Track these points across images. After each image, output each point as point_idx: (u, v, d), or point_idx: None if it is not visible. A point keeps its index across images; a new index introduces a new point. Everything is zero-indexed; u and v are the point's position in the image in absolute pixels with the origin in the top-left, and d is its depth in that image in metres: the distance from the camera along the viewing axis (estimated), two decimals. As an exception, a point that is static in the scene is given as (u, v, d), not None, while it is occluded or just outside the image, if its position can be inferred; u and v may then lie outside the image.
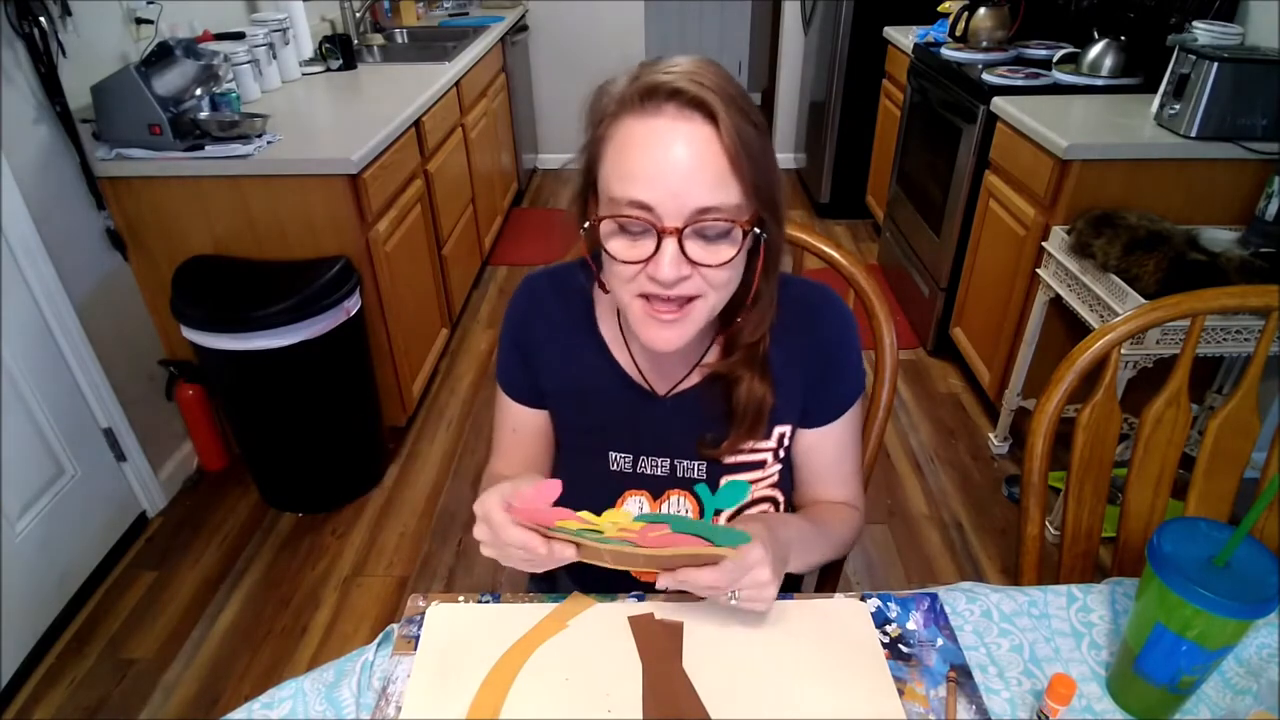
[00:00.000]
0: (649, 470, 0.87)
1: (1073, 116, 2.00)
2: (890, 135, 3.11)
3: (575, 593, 0.78)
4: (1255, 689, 0.69)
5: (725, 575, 0.67)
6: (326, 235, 1.90)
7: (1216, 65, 1.73)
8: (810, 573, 1.14)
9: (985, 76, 2.27)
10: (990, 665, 0.72)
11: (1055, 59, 2.35)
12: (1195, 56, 1.77)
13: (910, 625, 0.75)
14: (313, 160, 1.83)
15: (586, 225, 0.74)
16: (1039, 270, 1.94)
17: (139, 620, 1.74)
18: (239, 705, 0.71)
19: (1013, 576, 1.40)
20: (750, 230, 0.70)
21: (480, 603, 0.78)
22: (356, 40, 3.09)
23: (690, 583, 0.67)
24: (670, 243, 0.67)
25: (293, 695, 0.71)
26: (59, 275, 1.69)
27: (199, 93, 1.88)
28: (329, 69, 2.63)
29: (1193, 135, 1.80)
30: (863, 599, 0.78)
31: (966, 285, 2.41)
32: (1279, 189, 1.64)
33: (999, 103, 2.11)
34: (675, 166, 0.67)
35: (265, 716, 0.69)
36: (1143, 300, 1.56)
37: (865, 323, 0.94)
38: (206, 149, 1.81)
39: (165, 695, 1.57)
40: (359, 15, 3.21)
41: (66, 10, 1.71)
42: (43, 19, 1.61)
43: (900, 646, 0.73)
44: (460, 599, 0.78)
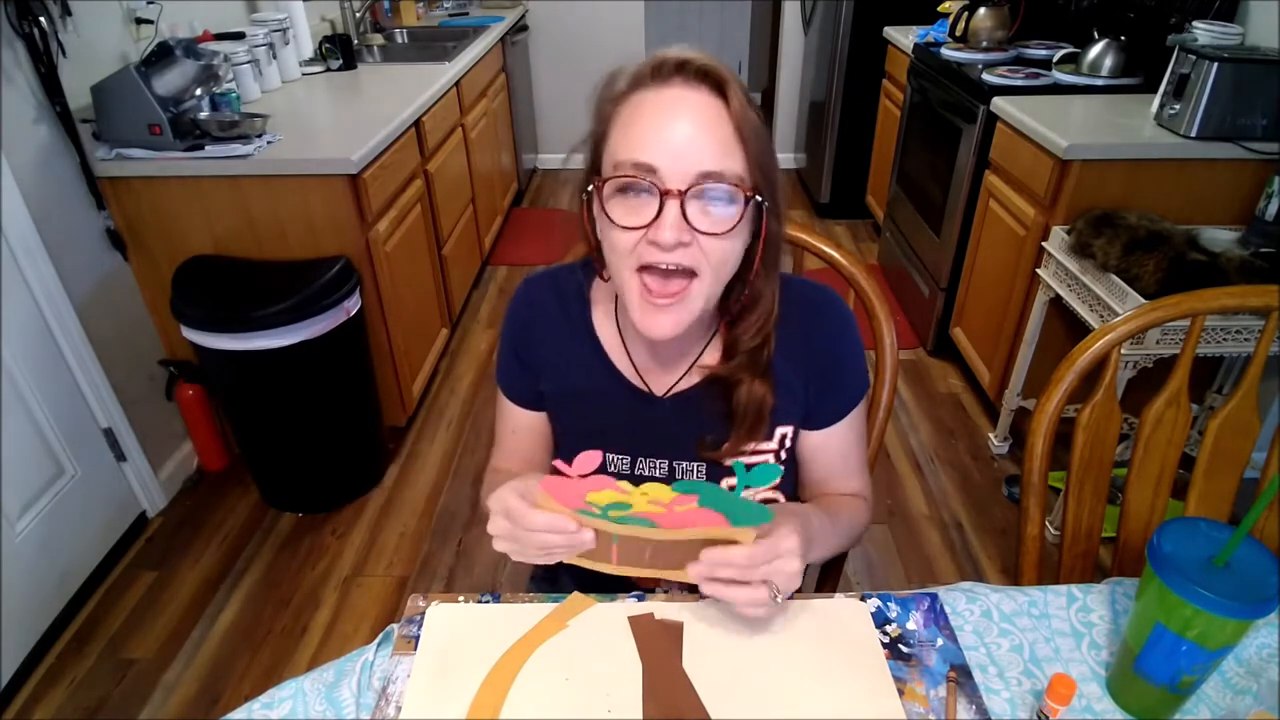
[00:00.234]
0: (647, 471, 0.86)
1: (1073, 116, 2.00)
2: (890, 135, 3.10)
3: (575, 593, 0.78)
4: (1255, 689, 0.69)
5: (757, 554, 0.66)
6: (326, 235, 1.90)
7: (1216, 65, 1.73)
8: (811, 572, 1.15)
9: (985, 76, 2.27)
10: (990, 665, 0.72)
11: (1055, 59, 2.35)
12: (1195, 56, 1.77)
13: (910, 625, 0.75)
14: (313, 160, 1.84)
15: (589, 190, 0.73)
16: (1039, 270, 1.94)
17: (139, 620, 1.74)
18: (239, 705, 0.71)
19: (1013, 576, 1.40)
20: (752, 198, 0.70)
21: (480, 603, 0.78)
22: (356, 40, 3.09)
23: (721, 561, 0.66)
24: (672, 205, 0.67)
25: (293, 695, 0.71)
26: (59, 275, 1.70)
27: (199, 93, 1.88)
28: (329, 69, 2.63)
29: (1193, 135, 1.80)
30: (863, 599, 0.78)
31: (966, 285, 2.41)
32: (1279, 189, 1.64)
33: (999, 103, 2.11)
34: (681, 130, 0.67)
35: (265, 716, 0.69)
36: (1143, 300, 1.56)
37: (865, 323, 0.94)
38: (206, 149, 1.81)
39: (165, 695, 1.57)
40: (359, 15, 3.21)
41: (66, 10, 1.71)
42: (43, 19, 1.61)
43: (900, 646, 0.73)
44: (460, 599, 0.78)
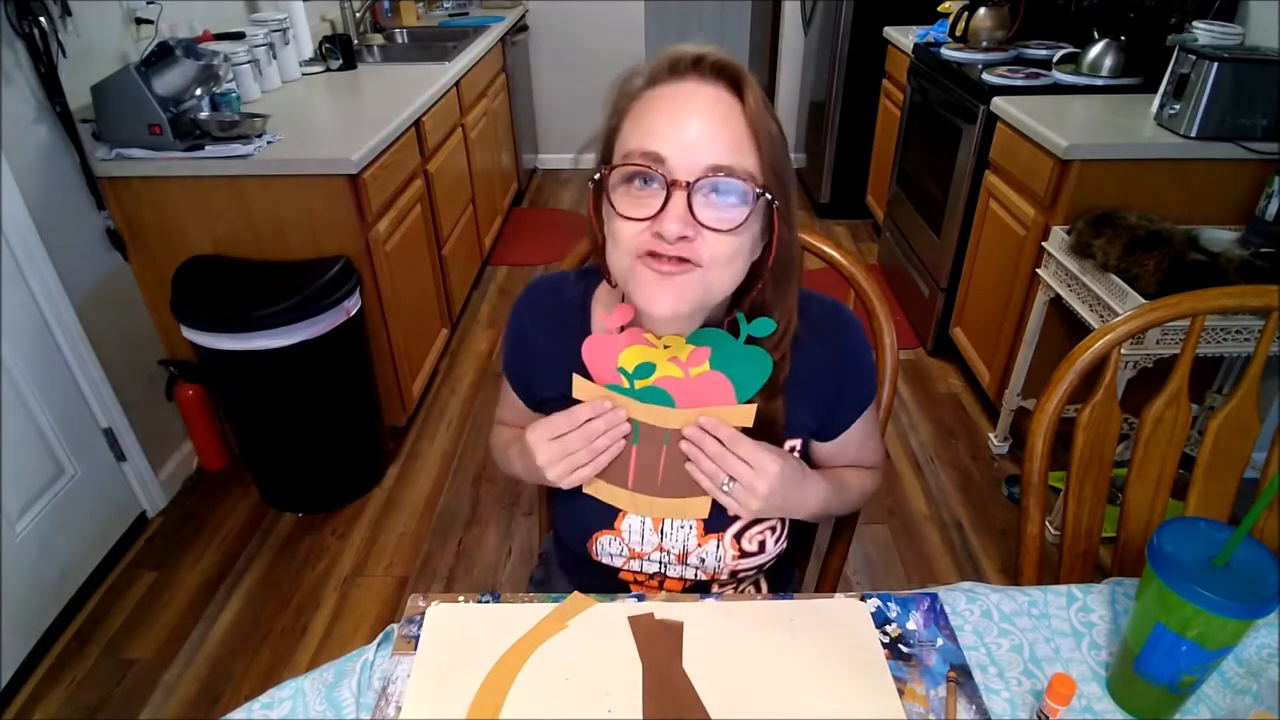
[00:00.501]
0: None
1: (1073, 116, 2.00)
2: (890, 135, 3.10)
3: (575, 593, 0.78)
4: (1255, 689, 0.69)
5: (744, 445, 0.74)
6: (326, 235, 1.90)
7: (1216, 65, 1.73)
8: (811, 572, 1.15)
9: (985, 76, 2.27)
10: (990, 665, 0.72)
11: (1055, 59, 2.35)
12: (1195, 56, 1.77)
13: (910, 625, 0.75)
14: (313, 160, 1.83)
15: (596, 177, 0.72)
16: (1039, 270, 1.94)
17: (139, 620, 1.74)
18: (239, 705, 0.71)
19: (1013, 576, 1.40)
20: (762, 195, 0.68)
21: (480, 603, 0.78)
22: (356, 40, 3.09)
23: (713, 426, 0.75)
24: (679, 197, 0.66)
25: (293, 695, 0.71)
26: (59, 275, 1.69)
27: (199, 93, 1.88)
28: (329, 69, 2.63)
29: (1193, 135, 1.80)
30: (863, 599, 0.78)
31: (966, 285, 2.41)
32: (1279, 189, 1.64)
33: (999, 103, 2.11)
34: (692, 122, 0.66)
35: (265, 716, 0.69)
36: (1143, 300, 1.56)
37: (865, 323, 0.94)
38: (206, 149, 1.81)
39: (165, 695, 1.57)
40: (359, 15, 3.21)
41: (66, 10, 1.71)
42: (43, 19, 1.61)
43: (900, 646, 0.73)
44: (460, 599, 0.78)
